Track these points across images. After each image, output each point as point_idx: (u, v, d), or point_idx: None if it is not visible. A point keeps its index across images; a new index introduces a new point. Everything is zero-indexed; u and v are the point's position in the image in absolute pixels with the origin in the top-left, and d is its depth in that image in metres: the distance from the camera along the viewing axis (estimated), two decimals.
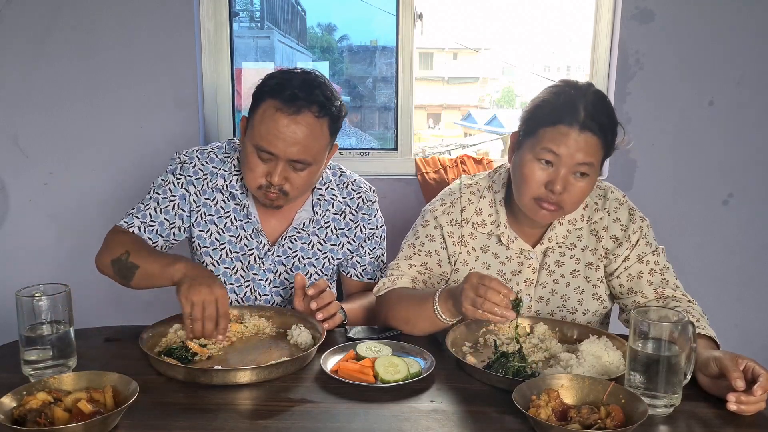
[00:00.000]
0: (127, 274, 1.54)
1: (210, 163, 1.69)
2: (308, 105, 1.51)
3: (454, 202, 1.63)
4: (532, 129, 1.47)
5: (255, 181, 1.57)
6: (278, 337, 1.49)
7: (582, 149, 1.42)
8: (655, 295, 1.54)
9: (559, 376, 1.19)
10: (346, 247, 1.75)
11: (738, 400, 1.16)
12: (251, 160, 1.55)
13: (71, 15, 2.45)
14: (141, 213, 1.66)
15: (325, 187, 1.73)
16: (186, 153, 1.70)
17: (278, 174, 1.53)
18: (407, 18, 2.59)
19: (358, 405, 1.20)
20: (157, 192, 1.67)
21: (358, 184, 1.77)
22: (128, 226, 1.64)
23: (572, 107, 1.42)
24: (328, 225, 1.73)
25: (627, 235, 1.57)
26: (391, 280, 1.59)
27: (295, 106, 1.50)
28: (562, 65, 3.80)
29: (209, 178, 1.68)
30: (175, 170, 1.68)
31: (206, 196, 1.68)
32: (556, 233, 1.59)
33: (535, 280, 1.60)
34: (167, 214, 1.66)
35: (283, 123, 1.50)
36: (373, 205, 1.77)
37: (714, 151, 2.57)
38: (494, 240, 1.61)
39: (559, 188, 1.44)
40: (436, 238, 1.62)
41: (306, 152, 1.53)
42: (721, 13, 2.47)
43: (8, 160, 2.55)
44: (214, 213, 1.68)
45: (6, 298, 1.48)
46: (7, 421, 1.05)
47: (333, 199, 1.72)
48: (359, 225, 1.74)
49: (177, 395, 1.23)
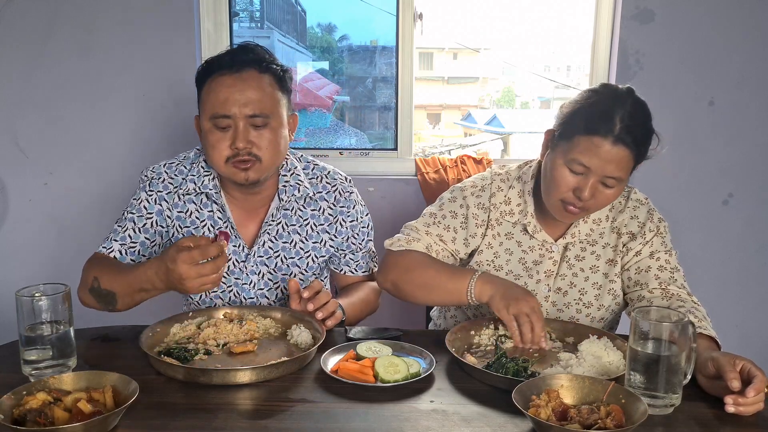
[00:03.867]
0: (108, 300, 1.50)
1: (179, 175, 1.66)
2: (248, 63, 1.54)
3: (484, 186, 1.66)
4: (567, 134, 1.48)
5: (221, 156, 1.54)
6: (278, 337, 1.49)
7: (613, 161, 1.42)
8: (661, 291, 1.54)
9: (559, 376, 1.19)
10: (329, 244, 1.72)
11: (735, 402, 1.16)
12: (211, 137, 1.54)
13: (71, 15, 2.46)
14: (119, 236, 1.62)
15: (291, 173, 1.68)
16: (153, 169, 1.67)
17: (240, 135, 1.52)
18: (407, 18, 2.59)
19: (358, 405, 1.20)
20: (131, 212, 1.64)
21: (332, 176, 1.73)
22: (107, 251, 1.61)
23: (608, 118, 1.42)
24: (307, 221, 1.69)
25: (643, 232, 1.60)
26: (407, 240, 1.62)
27: (236, 65, 1.53)
28: (562, 65, 3.80)
29: (180, 188, 1.65)
30: (145, 187, 1.65)
31: (179, 210, 1.65)
32: (579, 230, 1.61)
33: (555, 272, 1.63)
34: (147, 232, 1.64)
35: (228, 83, 1.52)
36: (350, 196, 1.73)
37: (714, 151, 2.57)
38: (519, 228, 1.64)
39: (587, 196, 1.45)
40: (458, 215, 1.65)
41: (260, 105, 1.53)
42: (721, 13, 2.47)
43: (8, 160, 2.55)
44: (189, 224, 1.66)
45: (6, 298, 1.48)
46: (7, 421, 1.05)
47: (298, 184, 1.68)
48: (339, 219, 1.71)
49: (177, 395, 1.23)
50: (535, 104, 3.80)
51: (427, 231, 1.64)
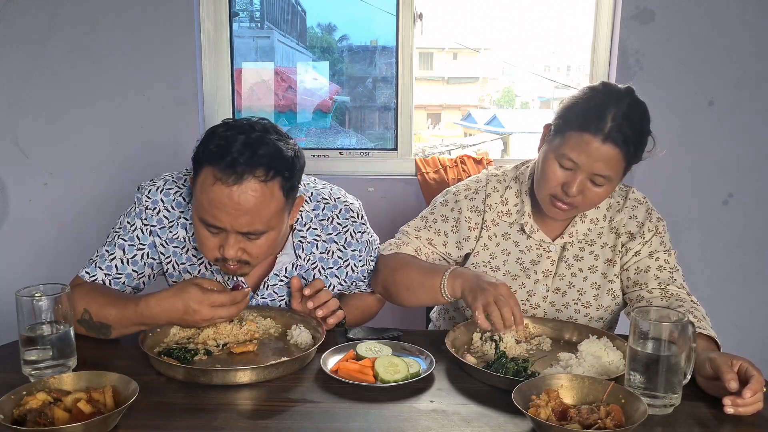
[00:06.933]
0: (103, 331, 1.42)
1: (176, 208, 1.52)
2: (251, 170, 1.31)
3: (478, 189, 1.66)
4: (560, 128, 1.48)
5: (210, 254, 1.41)
6: (278, 337, 1.49)
7: (602, 159, 1.43)
8: (660, 291, 1.54)
9: (558, 376, 1.20)
10: (336, 288, 1.62)
11: (734, 403, 1.16)
12: (201, 234, 1.40)
13: (71, 15, 2.45)
14: (105, 264, 1.50)
15: (306, 228, 1.56)
16: (149, 194, 1.52)
17: (231, 247, 1.37)
18: (407, 18, 2.59)
19: (358, 405, 1.20)
20: (123, 238, 1.51)
21: (344, 215, 1.58)
22: (90, 278, 1.49)
23: (601, 116, 1.42)
24: (314, 266, 1.58)
25: (642, 232, 1.60)
26: (397, 244, 1.64)
27: (236, 174, 1.30)
28: (562, 65, 3.80)
29: (175, 226, 1.52)
30: (140, 214, 1.51)
31: (174, 245, 1.53)
32: (577, 230, 1.61)
33: (553, 272, 1.63)
34: (135, 264, 1.51)
35: (224, 194, 1.31)
36: (362, 237, 1.60)
37: (714, 151, 2.57)
38: (516, 228, 1.64)
39: (574, 192, 1.46)
40: (449, 219, 1.65)
41: (257, 222, 1.35)
42: (721, 13, 2.47)
43: (8, 160, 2.55)
44: (185, 261, 1.55)
45: (6, 298, 1.48)
46: (7, 421, 1.05)
47: (316, 240, 1.56)
48: (350, 264, 1.61)
49: (177, 395, 1.23)
50: (535, 104, 3.80)
51: (417, 235, 1.65)
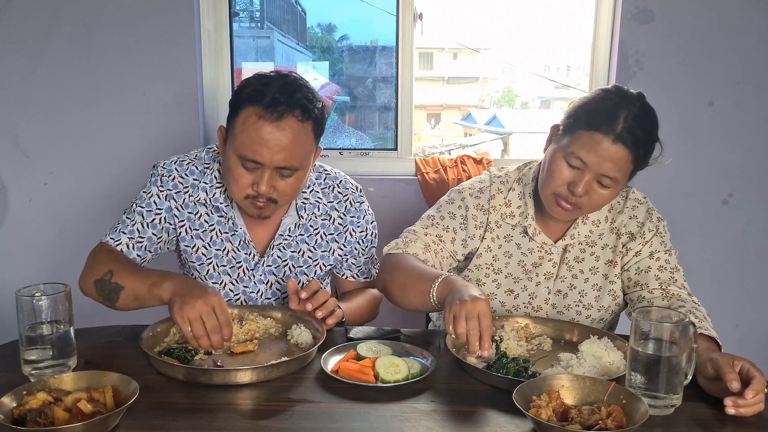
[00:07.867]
0: (111, 295, 1.47)
1: (190, 175, 1.63)
2: (291, 109, 1.45)
3: (483, 189, 1.66)
4: (571, 127, 1.48)
5: (241, 192, 1.51)
6: (278, 337, 1.49)
7: (611, 160, 1.43)
8: (661, 291, 1.54)
9: (559, 376, 1.19)
10: (337, 253, 1.71)
11: (735, 403, 1.15)
12: (235, 171, 1.50)
13: (71, 15, 2.45)
14: (128, 228, 1.59)
15: (309, 190, 1.68)
16: (164, 165, 1.63)
17: (265, 182, 1.48)
18: (407, 18, 2.59)
19: (358, 405, 1.20)
20: (140, 205, 1.61)
21: (344, 185, 1.72)
22: (115, 243, 1.57)
23: (613, 116, 1.42)
24: (317, 231, 1.68)
25: (642, 232, 1.60)
26: (405, 242, 1.61)
27: (277, 112, 1.44)
28: (562, 65, 3.80)
29: (190, 191, 1.62)
30: (156, 182, 1.62)
31: (189, 210, 1.62)
32: (579, 232, 1.61)
33: (555, 274, 1.62)
34: (154, 228, 1.60)
35: (267, 130, 1.44)
36: (361, 206, 1.72)
37: (714, 151, 2.57)
38: (519, 231, 1.63)
39: (580, 192, 1.46)
40: (457, 217, 1.64)
41: (293, 158, 1.47)
42: (721, 13, 2.47)
43: (8, 160, 2.55)
44: (198, 227, 1.63)
45: (6, 298, 1.48)
46: (7, 421, 1.05)
47: (318, 202, 1.68)
48: (349, 229, 1.71)
49: (177, 395, 1.23)
50: (535, 104, 3.80)
51: (426, 232, 1.63)
